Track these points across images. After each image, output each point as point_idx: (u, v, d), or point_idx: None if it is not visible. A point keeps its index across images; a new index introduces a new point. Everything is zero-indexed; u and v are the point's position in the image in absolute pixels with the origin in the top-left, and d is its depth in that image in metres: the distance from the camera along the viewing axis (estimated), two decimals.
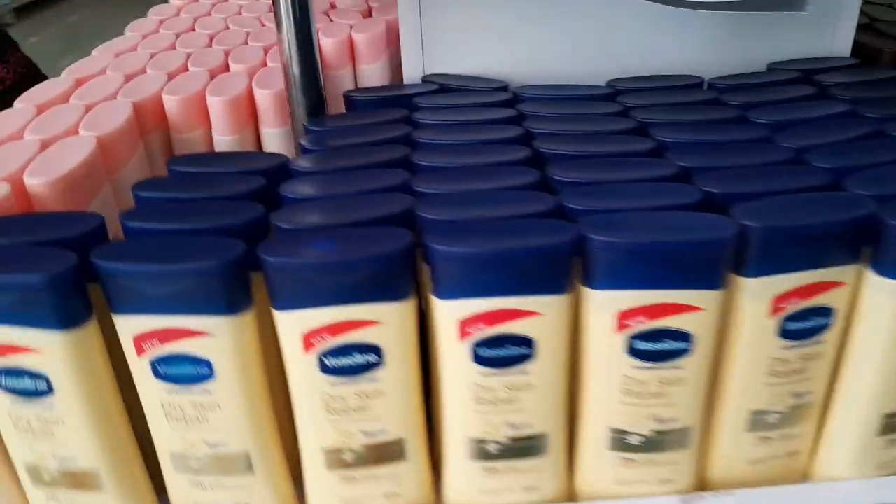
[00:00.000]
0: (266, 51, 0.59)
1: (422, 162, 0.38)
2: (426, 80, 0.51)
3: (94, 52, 0.60)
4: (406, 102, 0.47)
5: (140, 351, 0.31)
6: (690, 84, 0.48)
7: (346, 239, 0.31)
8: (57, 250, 0.30)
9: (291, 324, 0.30)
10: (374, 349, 0.31)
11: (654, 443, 0.34)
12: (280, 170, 0.38)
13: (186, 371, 0.31)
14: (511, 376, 0.32)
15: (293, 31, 0.44)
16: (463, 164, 0.37)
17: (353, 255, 0.30)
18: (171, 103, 0.49)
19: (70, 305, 0.30)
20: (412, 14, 0.49)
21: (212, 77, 0.53)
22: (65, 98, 0.50)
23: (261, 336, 0.31)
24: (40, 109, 0.47)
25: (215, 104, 0.49)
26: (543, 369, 0.32)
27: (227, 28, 0.67)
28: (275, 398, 0.33)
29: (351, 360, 0.31)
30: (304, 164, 0.38)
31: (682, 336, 0.31)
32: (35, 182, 0.37)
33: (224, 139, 0.50)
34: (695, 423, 0.34)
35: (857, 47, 0.52)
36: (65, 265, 0.29)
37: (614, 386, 0.32)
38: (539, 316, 0.30)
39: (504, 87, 0.49)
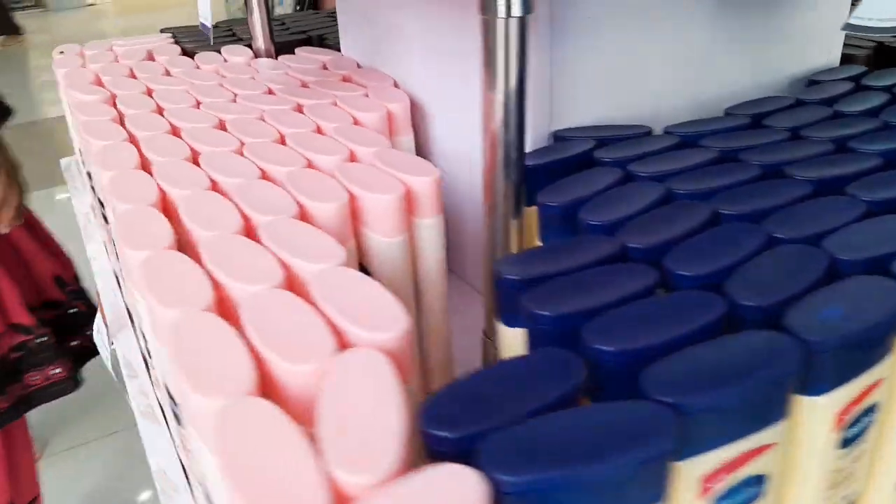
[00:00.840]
0: (321, 134, 0.51)
1: (757, 206, 0.38)
2: (559, 136, 0.49)
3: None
4: (584, 160, 0.45)
5: (703, 492, 0.26)
6: (791, 104, 0.52)
7: (853, 302, 0.29)
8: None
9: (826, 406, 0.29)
10: None
11: None
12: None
13: (747, 496, 0.27)
14: None
15: (510, 91, 0.37)
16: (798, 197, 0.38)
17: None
18: (324, 214, 0.41)
19: None
20: (543, 70, 0.47)
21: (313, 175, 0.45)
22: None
23: None
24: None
25: (382, 203, 0.42)
26: None
27: (223, 122, 0.56)
28: None
29: None
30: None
31: None
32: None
33: (390, 242, 0.43)
34: None
35: None
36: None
37: None
38: None
39: (648, 131, 0.49)
